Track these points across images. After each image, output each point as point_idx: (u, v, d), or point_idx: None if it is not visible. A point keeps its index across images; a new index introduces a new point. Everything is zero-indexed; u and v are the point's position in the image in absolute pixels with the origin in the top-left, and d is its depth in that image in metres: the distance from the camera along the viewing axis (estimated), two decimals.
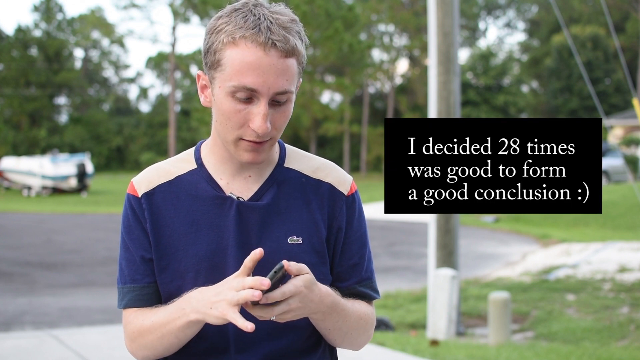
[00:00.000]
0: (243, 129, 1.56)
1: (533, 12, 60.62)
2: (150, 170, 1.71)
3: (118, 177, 44.54)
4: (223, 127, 1.59)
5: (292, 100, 1.60)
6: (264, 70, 1.52)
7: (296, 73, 1.58)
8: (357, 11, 40.34)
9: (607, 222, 19.01)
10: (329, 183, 1.70)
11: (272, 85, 1.53)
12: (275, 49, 1.53)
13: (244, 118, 1.55)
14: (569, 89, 46.95)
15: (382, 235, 16.77)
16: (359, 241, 1.72)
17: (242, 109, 1.55)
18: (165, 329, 1.57)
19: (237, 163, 1.66)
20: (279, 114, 1.57)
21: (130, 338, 1.65)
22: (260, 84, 1.52)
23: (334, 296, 1.59)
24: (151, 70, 60.98)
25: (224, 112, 1.57)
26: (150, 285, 1.65)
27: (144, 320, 1.61)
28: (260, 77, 1.52)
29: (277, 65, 1.53)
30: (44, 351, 6.30)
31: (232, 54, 1.54)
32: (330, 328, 1.63)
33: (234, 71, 1.53)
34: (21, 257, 13.40)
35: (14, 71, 48.56)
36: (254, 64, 1.52)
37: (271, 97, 1.54)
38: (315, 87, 40.22)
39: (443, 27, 8.19)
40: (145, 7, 54.77)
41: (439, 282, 7.81)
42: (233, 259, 1.61)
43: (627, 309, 8.93)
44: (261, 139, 1.56)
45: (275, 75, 1.53)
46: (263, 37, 1.52)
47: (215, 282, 1.58)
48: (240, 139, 1.57)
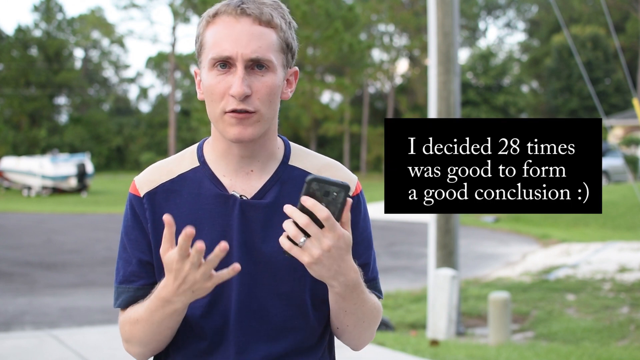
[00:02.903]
0: (225, 100, 1.56)
1: (533, 12, 60.61)
2: (152, 168, 1.69)
3: (118, 177, 44.53)
4: (210, 106, 1.59)
5: (277, 73, 1.59)
6: (236, 36, 1.55)
7: (276, 44, 1.59)
8: (357, 11, 40.30)
9: (607, 222, 19.01)
10: None
11: (244, 50, 1.55)
12: (246, 16, 1.56)
13: (224, 88, 1.56)
14: (569, 89, 46.94)
15: (382, 235, 16.77)
16: (365, 242, 1.70)
17: (222, 79, 1.56)
18: (154, 324, 1.56)
19: (237, 155, 1.64)
20: (260, 83, 1.56)
21: (123, 338, 1.65)
22: (233, 49, 1.55)
23: (359, 275, 1.56)
24: (151, 70, 60.98)
25: (207, 88, 1.58)
26: (144, 287, 1.63)
27: (134, 312, 1.61)
28: (233, 43, 1.55)
29: (249, 30, 1.56)
30: (44, 351, 6.30)
31: (210, 32, 1.59)
32: (347, 310, 1.60)
33: (211, 45, 1.57)
34: (21, 257, 13.39)
35: (14, 71, 48.55)
36: (226, 33, 1.56)
37: (246, 62, 1.55)
38: (315, 87, 40.18)
39: (443, 27, 8.19)
40: (145, 7, 54.72)
41: (439, 282, 7.81)
42: (236, 259, 1.60)
43: (627, 309, 8.93)
44: (242, 107, 1.55)
45: (248, 40, 1.55)
46: (233, 6, 1.57)
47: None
48: (224, 112, 1.57)
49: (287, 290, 1.62)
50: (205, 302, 1.61)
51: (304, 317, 1.64)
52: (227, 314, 1.60)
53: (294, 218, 1.42)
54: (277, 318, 1.62)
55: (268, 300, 1.61)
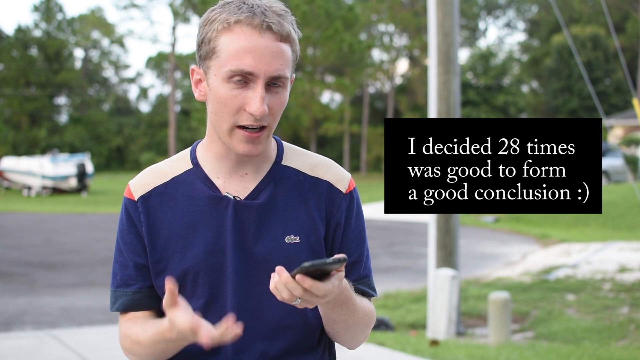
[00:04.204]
0: (239, 115, 1.54)
1: (533, 12, 60.61)
2: (146, 172, 1.69)
3: (118, 177, 44.52)
4: (219, 117, 1.57)
5: (287, 88, 1.59)
6: (260, 53, 1.52)
7: (291, 60, 1.58)
8: (357, 11, 40.28)
9: (607, 222, 19.00)
10: (327, 181, 1.68)
11: (268, 68, 1.52)
12: (270, 32, 1.53)
13: (240, 103, 1.54)
14: (569, 89, 46.94)
15: (382, 235, 16.76)
16: (357, 239, 1.70)
17: (239, 94, 1.53)
18: (157, 346, 1.57)
19: (234, 160, 1.64)
20: (275, 100, 1.56)
21: (124, 347, 1.66)
22: (256, 66, 1.52)
23: (349, 290, 1.57)
24: (151, 70, 60.96)
25: (220, 99, 1.55)
26: (141, 290, 1.64)
27: (137, 334, 1.61)
28: (256, 60, 1.52)
29: (272, 48, 1.53)
30: (44, 351, 6.30)
31: (227, 40, 1.54)
32: (336, 319, 1.61)
33: (230, 55, 1.53)
34: (21, 257, 13.39)
35: (14, 71, 48.54)
36: (249, 47, 1.52)
37: (267, 80, 1.53)
38: (315, 87, 40.17)
39: (443, 27, 8.19)
40: (145, 7, 54.72)
41: (439, 282, 7.81)
42: (231, 260, 1.60)
43: (627, 309, 8.93)
44: (258, 124, 1.54)
45: (271, 58, 1.53)
46: (258, 19, 1.53)
47: (214, 283, 1.59)
48: (236, 127, 1.55)
49: None
50: (201, 303, 1.61)
51: (301, 315, 1.64)
52: (223, 314, 1.60)
53: (290, 290, 1.41)
54: (274, 317, 1.62)
55: (264, 299, 1.61)
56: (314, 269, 1.39)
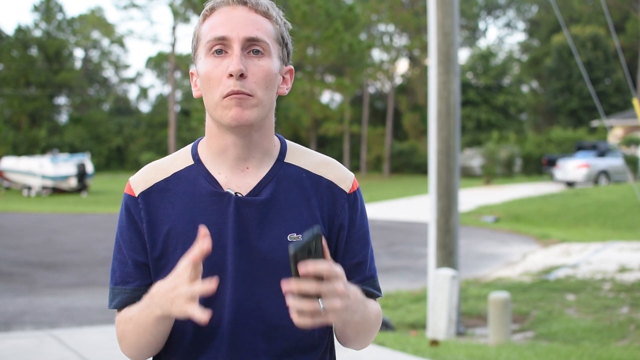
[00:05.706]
0: (223, 84, 1.56)
1: (533, 12, 60.62)
2: (147, 168, 1.69)
3: (118, 177, 44.51)
4: (207, 94, 1.59)
5: (273, 58, 1.60)
6: (234, 21, 1.57)
7: (272, 32, 1.60)
8: (357, 11, 40.29)
9: (607, 222, 19.00)
10: (330, 180, 1.67)
11: (240, 31, 1.56)
12: (244, 5, 1.59)
13: (222, 72, 1.56)
14: (569, 89, 46.95)
15: (382, 235, 16.76)
16: (362, 240, 1.69)
17: (219, 64, 1.56)
18: (140, 327, 1.56)
19: (233, 153, 1.63)
20: (256, 67, 1.57)
21: (118, 339, 1.66)
22: (229, 30, 1.56)
23: (360, 293, 1.54)
24: (151, 70, 60.96)
25: (204, 75, 1.58)
26: (140, 288, 1.63)
27: (129, 311, 1.61)
28: (230, 26, 1.56)
29: (246, 16, 1.58)
30: (44, 351, 6.30)
31: (206, 24, 1.60)
32: (345, 324, 1.59)
33: (207, 33, 1.59)
34: (21, 257, 13.39)
35: (14, 71, 48.52)
36: (223, 19, 1.58)
37: (242, 43, 1.56)
38: (315, 87, 40.19)
39: (443, 27, 8.19)
40: (145, 7, 54.56)
41: (439, 282, 7.81)
42: (232, 256, 1.59)
43: (627, 309, 8.93)
44: (239, 89, 1.54)
45: (244, 24, 1.57)
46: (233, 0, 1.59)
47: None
48: (222, 97, 1.56)
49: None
50: (200, 301, 1.60)
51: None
52: (222, 313, 1.59)
53: (303, 291, 1.37)
54: (275, 316, 1.61)
55: (265, 297, 1.60)
56: (301, 248, 1.36)
